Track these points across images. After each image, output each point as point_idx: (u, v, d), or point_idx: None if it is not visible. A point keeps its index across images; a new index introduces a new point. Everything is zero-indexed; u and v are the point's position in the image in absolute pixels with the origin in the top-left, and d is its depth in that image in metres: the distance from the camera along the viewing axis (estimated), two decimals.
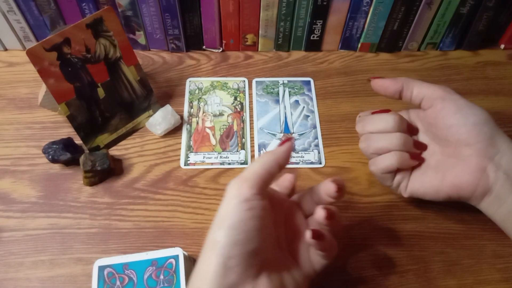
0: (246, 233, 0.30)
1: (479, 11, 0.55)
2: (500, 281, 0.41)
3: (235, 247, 0.29)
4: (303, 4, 0.54)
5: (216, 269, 0.29)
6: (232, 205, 0.30)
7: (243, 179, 0.31)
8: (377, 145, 0.40)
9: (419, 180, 0.40)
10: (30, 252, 0.42)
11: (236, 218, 0.30)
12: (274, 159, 0.33)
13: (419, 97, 0.40)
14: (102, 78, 0.46)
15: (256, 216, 0.30)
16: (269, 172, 0.32)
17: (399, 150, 0.39)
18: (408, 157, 0.39)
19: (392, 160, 0.39)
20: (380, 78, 0.42)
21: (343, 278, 0.41)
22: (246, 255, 0.29)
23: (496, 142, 0.37)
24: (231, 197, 0.31)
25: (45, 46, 0.41)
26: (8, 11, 0.53)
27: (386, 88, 0.41)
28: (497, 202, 0.36)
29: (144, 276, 0.38)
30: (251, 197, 0.30)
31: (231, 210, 0.30)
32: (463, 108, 0.38)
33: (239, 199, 0.30)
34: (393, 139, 0.39)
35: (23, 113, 0.52)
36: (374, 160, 0.41)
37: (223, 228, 0.30)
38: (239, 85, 0.56)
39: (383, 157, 0.40)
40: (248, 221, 0.30)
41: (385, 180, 0.41)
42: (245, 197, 0.30)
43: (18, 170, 0.47)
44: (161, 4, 0.53)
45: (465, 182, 0.37)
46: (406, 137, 0.40)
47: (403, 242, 0.43)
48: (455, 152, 0.38)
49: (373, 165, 0.41)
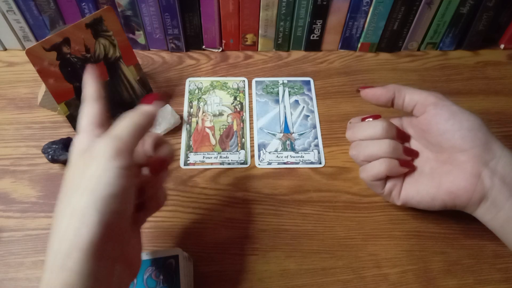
0: (125, 204, 0.28)
1: (479, 11, 0.55)
2: (500, 281, 0.41)
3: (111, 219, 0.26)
4: (303, 4, 0.54)
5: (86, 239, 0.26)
6: (111, 170, 0.27)
7: (121, 141, 0.28)
8: (366, 152, 0.40)
9: (414, 188, 0.39)
10: (30, 252, 0.42)
11: (117, 187, 0.27)
12: (147, 121, 0.30)
13: (411, 104, 0.40)
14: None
15: (133, 185, 0.28)
16: (141, 136, 0.30)
17: (388, 157, 0.39)
18: (398, 164, 0.39)
19: (381, 167, 0.39)
20: (370, 88, 0.42)
21: (343, 278, 0.41)
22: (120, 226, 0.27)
23: (491, 147, 0.37)
24: (107, 159, 0.27)
25: (45, 46, 0.41)
26: (7, 11, 0.53)
27: (378, 97, 0.41)
28: (494, 209, 0.36)
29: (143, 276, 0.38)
30: (130, 163, 0.28)
31: (110, 176, 0.26)
32: (457, 114, 0.38)
33: (118, 163, 0.27)
34: (382, 146, 0.39)
35: (22, 113, 0.52)
36: (364, 167, 0.41)
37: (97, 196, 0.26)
38: (239, 85, 0.56)
39: (372, 164, 0.40)
40: (129, 189, 0.28)
41: (376, 188, 0.41)
42: (126, 163, 0.27)
43: (18, 170, 0.47)
44: (160, 4, 0.53)
45: (461, 188, 0.36)
46: (395, 144, 0.39)
47: (403, 242, 0.43)
48: (449, 158, 0.38)
49: (362, 172, 0.41)
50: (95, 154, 0.28)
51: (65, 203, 0.28)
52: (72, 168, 0.29)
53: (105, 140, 0.28)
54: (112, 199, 0.27)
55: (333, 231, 0.44)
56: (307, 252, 0.42)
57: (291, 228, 0.44)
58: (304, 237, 0.43)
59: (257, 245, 0.43)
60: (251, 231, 0.43)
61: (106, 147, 0.27)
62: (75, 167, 0.29)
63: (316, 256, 0.42)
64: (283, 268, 0.41)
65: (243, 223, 0.44)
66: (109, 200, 0.26)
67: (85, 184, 0.27)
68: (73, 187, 0.28)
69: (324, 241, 0.43)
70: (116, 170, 0.27)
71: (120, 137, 0.28)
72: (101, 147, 0.28)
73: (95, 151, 0.28)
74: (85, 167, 0.28)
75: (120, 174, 0.27)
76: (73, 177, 0.28)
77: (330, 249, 0.42)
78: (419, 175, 0.40)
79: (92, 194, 0.26)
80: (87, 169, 0.27)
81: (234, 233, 0.43)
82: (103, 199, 0.26)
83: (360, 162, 0.41)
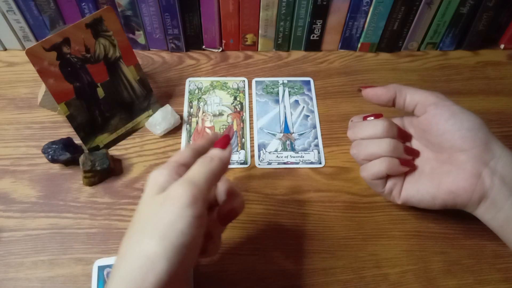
0: (194, 252, 0.28)
1: (479, 11, 0.55)
2: (500, 281, 0.41)
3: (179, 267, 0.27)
4: (303, 4, 0.54)
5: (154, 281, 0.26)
6: (185, 218, 0.27)
7: (197, 188, 0.28)
8: (366, 151, 0.40)
9: (414, 187, 0.40)
10: (30, 252, 0.42)
11: (182, 227, 0.26)
12: (222, 168, 0.31)
13: (412, 104, 0.40)
14: (102, 78, 0.46)
15: (202, 234, 0.29)
16: (215, 183, 0.30)
17: (389, 156, 0.39)
18: (398, 163, 0.39)
19: (381, 166, 0.39)
20: (371, 87, 0.42)
21: (343, 278, 0.41)
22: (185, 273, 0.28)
23: (491, 147, 0.37)
24: (182, 205, 0.27)
25: (45, 46, 0.41)
26: (7, 11, 0.53)
27: (379, 97, 0.41)
28: (494, 208, 0.36)
29: None
30: (204, 213, 0.28)
31: (184, 224, 0.27)
32: (457, 113, 0.38)
33: (193, 212, 0.27)
34: (382, 145, 0.39)
35: (22, 113, 0.52)
36: (365, 166, 0.41)
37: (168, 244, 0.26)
38: (239, 85, 0.56)
39: (373, 163, 0.40)
40: (198, 239, 0.28)
41: (376, 187, 0.41)
42: (200, 212, 0.27)
43: (18, 170, 0.47)
44: (160, 4, 0.53)
45: (461, 188, 0.37)
46: (396, 143, 0.39)
47: (403, 242, 0.43)
48: (449, 158, 0.38)
49: (363, 171, 0.41)
50: (171, 197, 0.28)
51: (133, 243, 0.27)
52: (145, 206, 0.29)
53: (183, 186, 0.28)
54: (183, 249, 0.27)
55: (333, 231, 0.44)
56: (307, 252, 0.42)
57: (291, 228, 0.44)
58: (304, 237, 0.43)
59: (257, 245, 0.42)
60: (251, 231, 0.43)
61: (183, 193, 0.27)
62: (148, 206, 0.29)
63: (316, 256, 0.42)
64: (283, 268, 0.41)
65: (243, 223, 0.44)
66: (180, 250, 0.26)
67: (157, 228, 0.27)
68: (144, 228, 0.27)
69: (324, 241, 0.43)
70: (190, 219, 0.27)
71: (197, 184, 0.28)
72: (178, 191, 0.28)
73: (171, 194, 0.28)
74: (158, 208, 0.27)
75: (193, 223, 0.27)
76: (145, 216, 0.28)
77: (330, 249, 0.42)
78: (419, 174, 0.40)
79: (163, 241, 0.26)
80: (160, 211, 0.27)
81: (234, 233, 0.43)
82: (175, 249, 0.26)
83: (360, 161, 0.41)
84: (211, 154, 0.31)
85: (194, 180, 0.28)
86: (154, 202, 0.28)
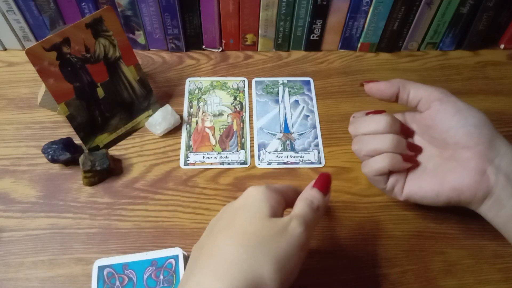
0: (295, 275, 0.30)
1: (479, 11, 0.55)
2: (500, 281, 0.41)
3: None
4: (303, 3, 0.54)
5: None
6: (295, 247, 0.29)
7: (311, 232, 0.31)
8: (368, 147, 0.39)
9: (417, 184, 0.39)
10: (30, 252, 0.42)
11: (294, 263, 0.29)
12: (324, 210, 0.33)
13: (416, 99, 0.39)
14: (102, 78, 0.46)
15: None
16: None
17: (391, 152, 0.39)
18: (401, 159, 0.39)
19: (384, 162, 0.38)
20: (374, 82, 0.41)
21: (343, 278, 0.41)
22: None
23: (496, 144, 0.36)
24: (300, 246, 0.30)
25: (45, 46, 0.41)
26: (7, 11, 0.53)
27: (382, 92, 0.41)
28: (497, 206, 0.36)
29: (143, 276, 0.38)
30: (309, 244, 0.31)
31: (295, 262, 0.29)
32: (462, 110, 0.37)
33: (302, 244, 0.30)
34: (385, 141, 0.39)
35: (22, 113, 0.52)
36: (366, 162, 0.40)
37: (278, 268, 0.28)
38: (239, 85, 0.56)
39: (375, 159, 0.39)
40: (300, 265, 0.30)
41: (378, 183, 0.41)
42: (308, 245, 0.30)
43: (18, 170, 0.47)
44: (160, 4, 0.53)
45: (466, 185, 0.36)
46: (399, 139, 0.39)
47: (403, 242, 0.43)
48: (453, 155, 0.38)
49: (365, 167, 0.41)
50: (290, 233, 0.29)
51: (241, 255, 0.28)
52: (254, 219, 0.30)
53: (302, 227, 0.30)
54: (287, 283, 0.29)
55: (333, 231, 0.44)
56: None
57: None
58: None
59: None
60: None
61: (301, 234, 0.30)
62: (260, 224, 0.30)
63: (316, 256, 0.42)
64: None
65: None
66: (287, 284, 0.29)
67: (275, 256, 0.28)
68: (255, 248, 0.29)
69: (324, 241, 0.43)
70: (301, 260, 0.30)
71: (311, 228, 0.31)
72: (297, 230, 0.30)
73: (291, 230, 0.30)
74: (277, 236, 0.29)
75: (302, 262, 0.30)
76: (253, 231, 0.30)
77: (330, 249, 0.42)
78: (422, 171, 0.40)
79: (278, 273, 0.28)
80: (280, 240, 0.29)
81: None
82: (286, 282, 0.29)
83: (362, 157, 0.41)
84: (319, 203, 0.33)
85: (309, 225, 0.31)
86: (269, 225, 0.30)
